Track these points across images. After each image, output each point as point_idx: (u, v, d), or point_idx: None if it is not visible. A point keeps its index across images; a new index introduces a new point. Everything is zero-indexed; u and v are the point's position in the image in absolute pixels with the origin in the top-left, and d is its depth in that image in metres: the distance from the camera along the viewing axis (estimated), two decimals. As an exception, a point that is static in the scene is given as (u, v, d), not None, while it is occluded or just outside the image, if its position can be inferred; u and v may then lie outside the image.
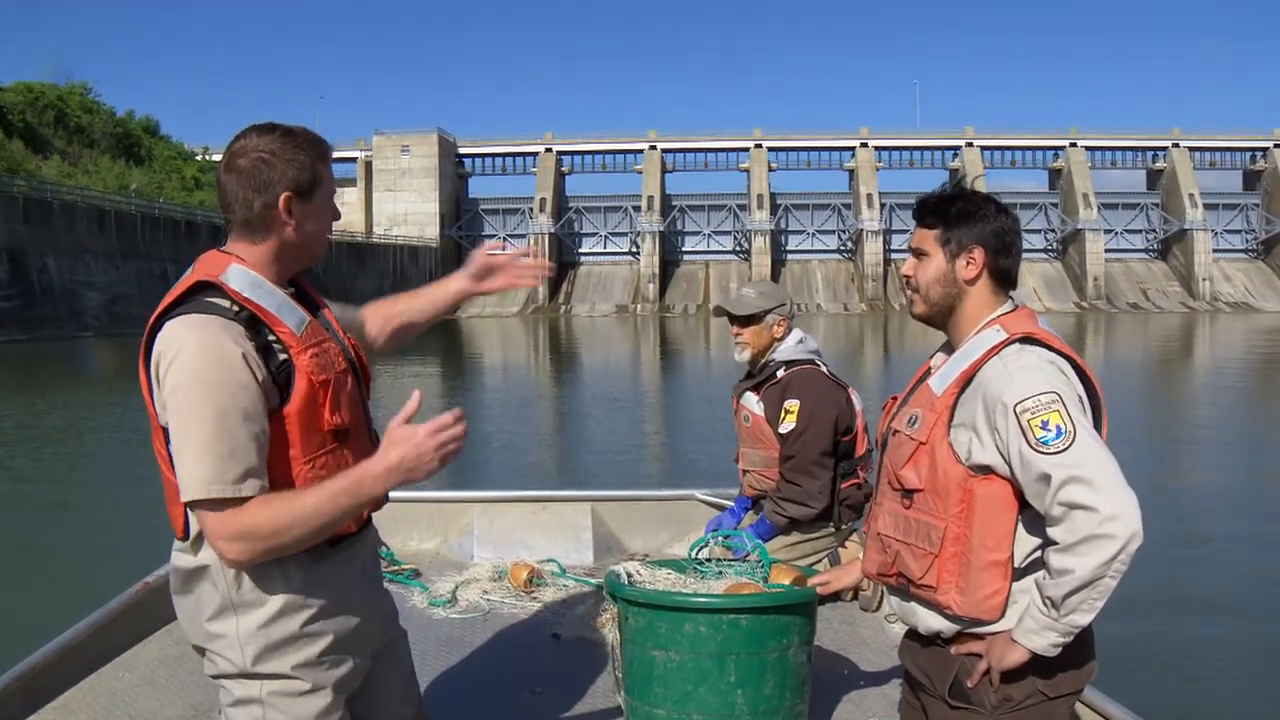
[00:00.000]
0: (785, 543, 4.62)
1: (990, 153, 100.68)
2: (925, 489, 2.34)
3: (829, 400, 4.62)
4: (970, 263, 2.42)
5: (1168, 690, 6.46)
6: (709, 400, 22.02)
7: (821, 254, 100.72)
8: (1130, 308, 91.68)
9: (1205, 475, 14.64)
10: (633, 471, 14.44)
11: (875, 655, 3.98)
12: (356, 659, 2.33)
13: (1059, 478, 2.14)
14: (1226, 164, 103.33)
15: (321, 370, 2.22)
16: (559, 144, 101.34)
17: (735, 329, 4.82)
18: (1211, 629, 7.77)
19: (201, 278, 2.19)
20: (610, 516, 5.59)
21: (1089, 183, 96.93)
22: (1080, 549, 2.12)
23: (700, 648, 2.89)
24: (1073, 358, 2.31)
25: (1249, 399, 25.95)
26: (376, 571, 2.53)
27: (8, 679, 3.26)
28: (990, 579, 2.28)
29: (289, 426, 2.17)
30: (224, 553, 2.11)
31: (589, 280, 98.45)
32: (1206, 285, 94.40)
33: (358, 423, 2.34)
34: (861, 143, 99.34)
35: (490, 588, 4.74)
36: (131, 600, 4.02)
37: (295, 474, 2.18)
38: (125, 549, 8.92)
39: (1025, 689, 2.31)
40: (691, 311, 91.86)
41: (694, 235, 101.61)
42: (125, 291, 54.39)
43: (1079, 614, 2.18)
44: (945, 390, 2.35)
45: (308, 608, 2.23)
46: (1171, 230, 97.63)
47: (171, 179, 73.12)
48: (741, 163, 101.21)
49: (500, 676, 3.83)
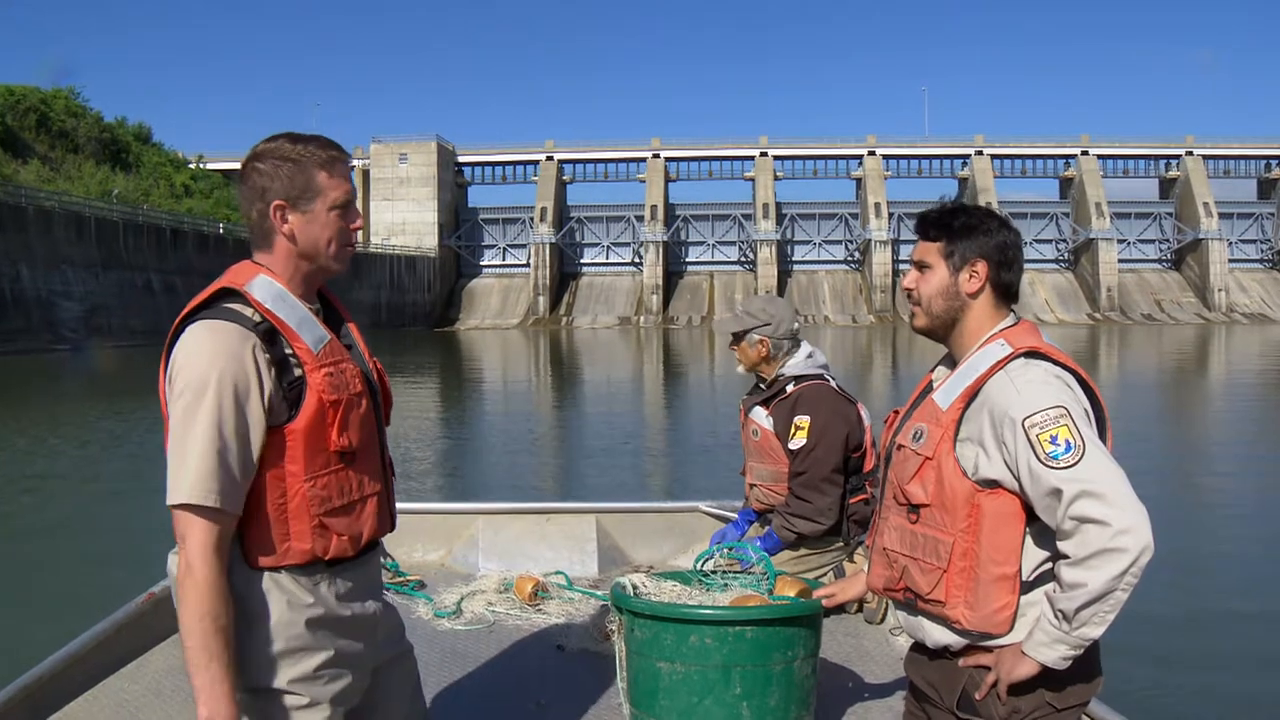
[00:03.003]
0: (792, 556, 4.63)
1: (1000, 161, 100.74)
2: (932, 504, 2.36)
3: (840, 416, 4.62)
4: (973, 276, 2.44)
5: (1174, 704, 6.42)
6: (713, 413, 22.71)
7: (829, 264, 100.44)
8: (1145, 319, 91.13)
9: (1220, 489, 14.57)
10: (636, 484, 14.67)
11: (880, 668, 3.99)
12: (355, 674, 2.35)
13: (1070, 492, 2.16)
14: (1241, 172, 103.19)
15: (334, 390, 2.24)
16: (560, 152, 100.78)
17: (730, 345, 4.91)
18: (1219, 642, 7.78)
19: (227, 284, 2.23)
20: (615, 528, 5.62)
21: (1101, 191, 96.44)
22: (1092, 563, 2.15)
23: (705, 659, 2.90)
24: (1077, 371, 2.34)
25: (1267, 412, 25.68)
26: (377, 589, 2.49)
27: (13, 690, 3.27)
28: (999, 593, 2.30)
29: (294, 443, 2.19)
30: (178, 559, 2.13)
31: (591, 291, 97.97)
32: (1222, 296, 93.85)
33: (368, 445, 2.35)
34: (869, 151, 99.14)
35: (495, 600, 4.76)
36: (137, 611, 4.04)
37: (296, 491, 2.21)
38: (130, 560, 9.16)
39: (1033, 701, 2.33)
40: (696, 323, 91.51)
41: (698, 245, 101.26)
42: (105, 302, 52.61)
43: (1090, 627, 2.20)
44: (951, 405, 2.36)
45: (303, 624, 2.23)
46: (1185, 240, 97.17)
47: (159, 185, 71.75)
48: (747, 171, 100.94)
49: (505, 688, 3.80)
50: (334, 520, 2.27)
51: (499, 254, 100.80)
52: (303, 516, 2.22)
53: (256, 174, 2.25)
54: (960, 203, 2.54)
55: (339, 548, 2.28)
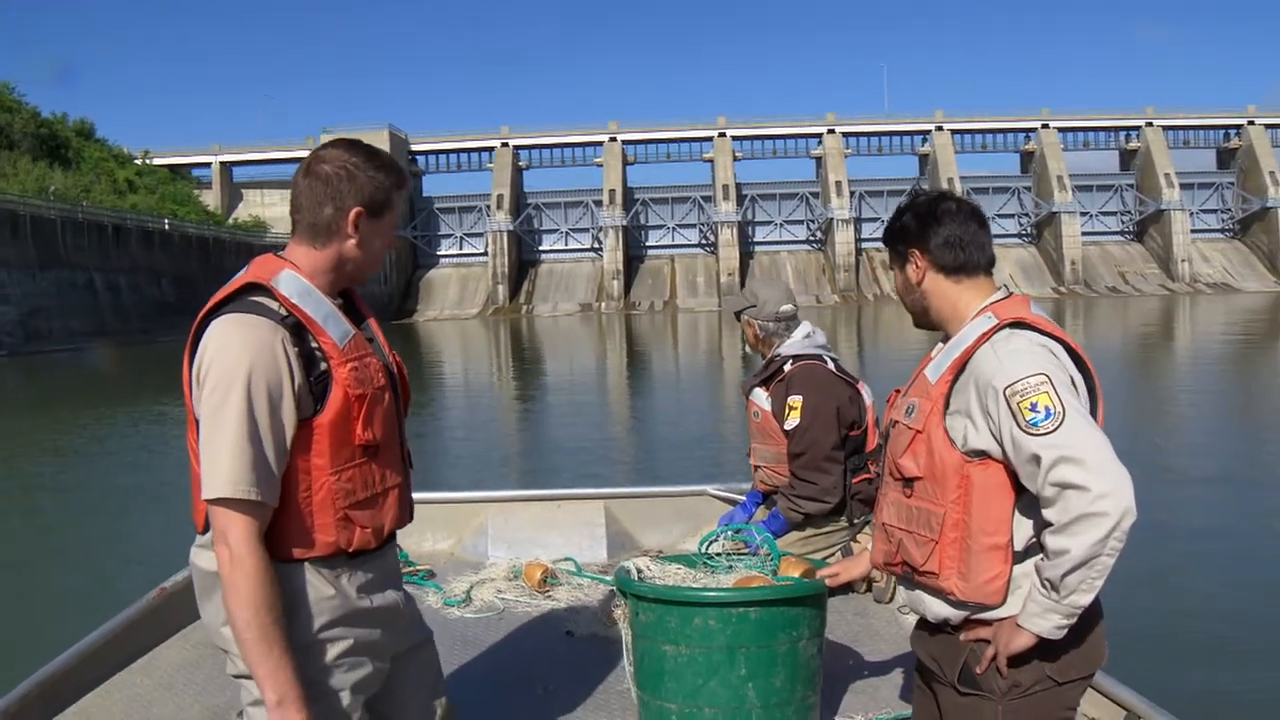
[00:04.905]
0: (798, 537, 4.62)
1: (961, 136, 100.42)
2: (924, 476, 2.39)
3: (829, 394, 4.61)
4: (916, 266, 2.52)
5: (1180, 675, 6.41)
6: (676, 399, 23.53)
7: (791, 245, 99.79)
8: (1110, 291, 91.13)
9: (1201, 460, 14.78)
10: (610, 473, 14.69)
11: (888, 646, 3.99)
12: (376, 662, 2.40)
13: (1049, 458, 2.18)
14: (1200, 142, 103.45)
15: (359, 384, 2.29)
16: (515, 138, 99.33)
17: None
18: (1221, 612, 7.85)
19: (253, 279, 2.27)
20: (623, 513, 5.65)
21: (1062, 165, 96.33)
22: (1074, 528, 2.16)
23: (710, 641, 2.92)
24: (1065, 340, 2.37)
25: (1239, 382, 26.28)
26: (396, 579, 2.54)
27: (28, 686, 3.33)
28: (990, 563, 2.32)
29: (319, 436, 2.24)
30: (218, 555, 2.17)
31: (550, 278, 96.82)
32: (1185, 267, 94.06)
33: (390, 439, 2.41)
34: (829, 129, 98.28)
35: (505, 587, 4.79)
36: (148, 606, 4.12)
37: (321, 484, 2.26)
38: (142, 555, 9.81)
39: (1033, 674, 2.35)
40: (659, 308, 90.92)
41: (658, 229, 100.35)
42: (43, 304, 50.78)
43: (1079, 594, 2.22)
44: (939, 378, 2.40)
45: (325, 613, 2.29)
46: (1147, 211, 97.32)
47: (101, 181, 69.76)
48: (705, 153, 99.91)
49: (514, 674, 3.82)
50: (358, 513, 2.31)
51: (456, 243, 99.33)
52: (328, 509, 2.27)
53: (342, 177, 2.31)
54: (905, 201, 2.61)
55: (362, 540, 2.32)
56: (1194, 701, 5.71)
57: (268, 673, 2.13)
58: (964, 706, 2.43)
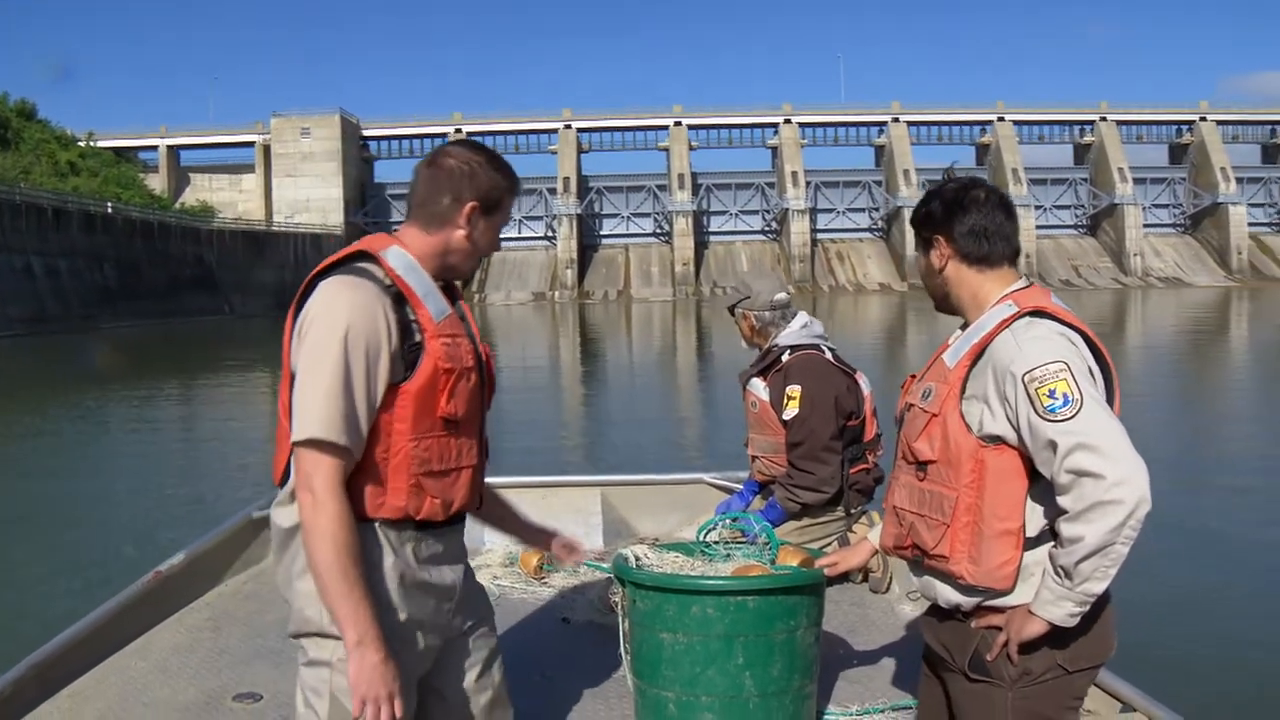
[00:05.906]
0: (795, 527, 4.64)
1: (917, 128, 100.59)
2: (938, 460, 2.40)
3: (827, 384, 4.63)
4: (939, 253, 2.53)
5: (1175, 667, 6.25)
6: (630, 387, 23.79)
7: (746, 235, 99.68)
8: (1063, 285, 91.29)
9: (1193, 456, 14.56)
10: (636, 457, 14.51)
11: (885, 636, 4.02)
12: (428, 639, 2.44)
13: (1065, 445, 2.19)
14: (1153, 138, 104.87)
15: (449, 360, 2.35)
16: (468, 124, 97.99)
17: None
18: (1232, 610, 7.80)
19: (363, 248, 2.39)
20: (620, 501, 5.67)
21: (1018, 157, 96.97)
22: (1089, 516, 2.17)
23: (708, 630, 2.92)
24: (1085, 331, 2.37)
25: (1193, 377, 26.64)
26: (460, 559, 2.58)
27: (22, 667, 3.36)
28: (1002, 548, 2.33)
29: (405, 402, 2.30)
30: (300, 499, 2.24)
31: (504, 267, 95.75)
32: (1138, 261, 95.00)
33: (472, 417, 2.47)
34: (785, 119, 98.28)
35: (501, 573, 4.81)
36: (143, 589, 4.16)
37: (400, 448, 2.32)
38: (136, 539, 9.89)
39: (1044, 662, 2.36)
40: (612, 298, 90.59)
41: (613, 218, 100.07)
42: (-23, 289, 49.04)
43: (1092, 582, 2.22)
44: (958, 363, 2.42)
45: (387, 581, 2.33)
46: (1101, 205, 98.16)
47: (41, 163, 68.02)
48: (660, 141, 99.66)
49: (510, 661, 3.60)
50: (430, 482, 2.36)
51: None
52: (402, 473, 2.32)
53: (464, 173, 2.43)
54: (935, 186, 2.61)
55: (430, 509, 2.37)
56: (1191, 694, 5.55)
57: (348, 613, 2.18)
58: (974, 693, 2.44)
